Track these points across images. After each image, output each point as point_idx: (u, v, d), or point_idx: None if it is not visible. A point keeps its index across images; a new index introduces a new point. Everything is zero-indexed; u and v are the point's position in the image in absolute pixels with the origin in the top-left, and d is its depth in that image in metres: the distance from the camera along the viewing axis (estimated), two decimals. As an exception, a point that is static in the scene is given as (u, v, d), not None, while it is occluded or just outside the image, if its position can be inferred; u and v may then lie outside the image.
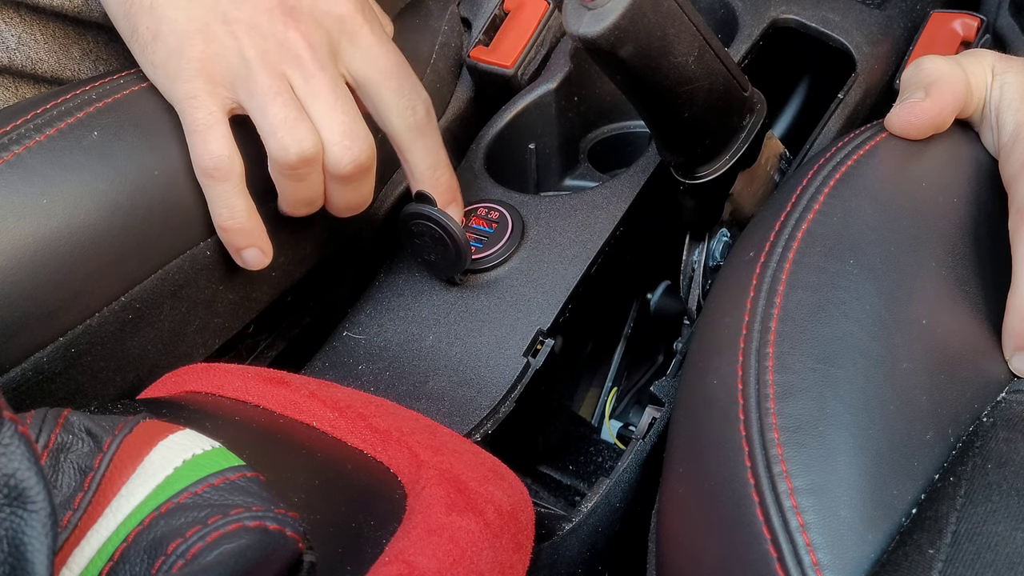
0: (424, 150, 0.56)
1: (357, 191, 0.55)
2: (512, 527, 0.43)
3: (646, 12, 0.47)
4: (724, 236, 0.62)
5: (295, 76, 0.51)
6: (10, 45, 0.59)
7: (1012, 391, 0.43)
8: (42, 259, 0.47)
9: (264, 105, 0.51)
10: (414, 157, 0.56)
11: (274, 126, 0.51)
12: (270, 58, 0.51)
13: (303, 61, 0.51)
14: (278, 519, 0.33)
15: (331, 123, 0.51)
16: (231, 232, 0.53)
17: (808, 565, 0.36)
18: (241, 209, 0.52)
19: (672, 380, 0.57)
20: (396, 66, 0.55)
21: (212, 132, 0.51)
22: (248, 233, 0.53)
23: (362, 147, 0.52)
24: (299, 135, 0.51)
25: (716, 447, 0.41)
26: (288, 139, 0.50)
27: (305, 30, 0.52)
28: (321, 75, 0.51)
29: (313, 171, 0.52)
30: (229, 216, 0.52)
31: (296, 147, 0.51)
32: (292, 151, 0.51)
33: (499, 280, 0.59)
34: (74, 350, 0.50)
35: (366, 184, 0.55)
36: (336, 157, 0.52)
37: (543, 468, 0.64)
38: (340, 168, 0.52)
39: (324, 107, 0.51)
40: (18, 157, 0.48)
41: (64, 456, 0.34)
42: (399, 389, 0.56)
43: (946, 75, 0.50)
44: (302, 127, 0.51)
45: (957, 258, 0.46)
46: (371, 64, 0.54)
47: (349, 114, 0.52)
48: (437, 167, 0.57)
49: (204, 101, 0.51)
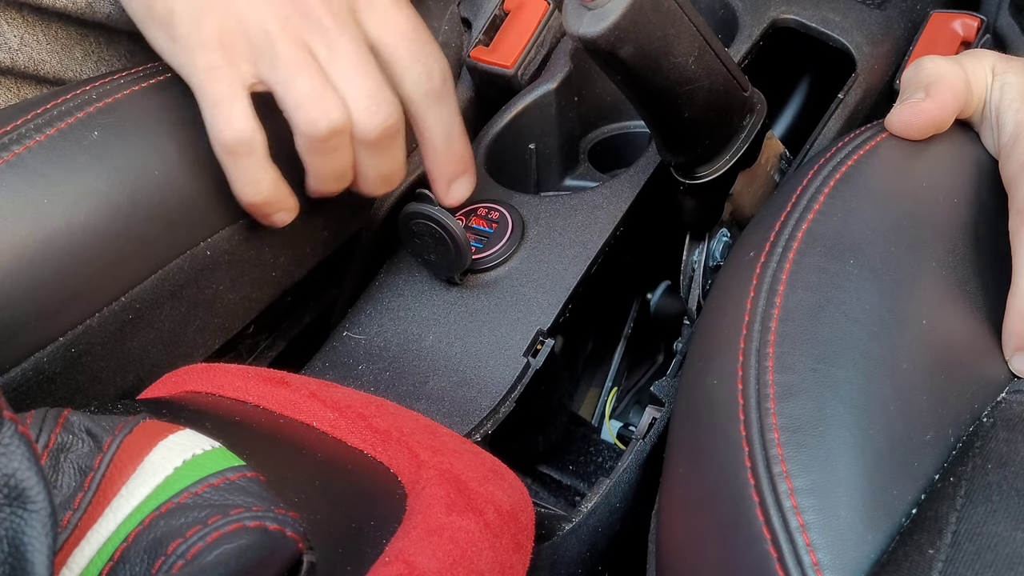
0: (438, 118, 0.55)
1: (388, 158, 0.53)
2: (512, 527, 0.43)
3: (646, 12, 0.47)
4: (724, 236, 0.62)
5: (317, 44, 0.50)
6: (12, 46, 0.59)
7: (1012, 391, 0.43)
8: (42, 259, 0.47)
9: (288, 78, 0.49)
10: (427, 123, 0.55)
11: (300, 99, 0.50)
12: (291, 27, 0.50)
13: (325, 28, 0.50)
14: (278, 519, 0.33)
15: (356, 89, 0.50)
16: (256, 206, 0.52)
17: (808, 565, 0.36)
18: (266, 183, 0.51)
19: (672, 380, 0.57)
20: (413, 29, 0.53)
21: (234, 105, 0.49)
22: (273, 203, 0.53)
23: (389, 110, 0.51)
24: (326, 106, 0.50)
25: (716, 447, 0.41)
26: (316, 112, 0.50)
27: None
28: (343, 40, 0.50)
29: (343, 142, 0.51)
30: (255, 191, 0.51)
31: (325, 119, 0.50)
32: (321, 124, 0.50)
33: (499, 280, 0.59)
34: (74, 350, 0.50)
35: (397, 149, 0.54)
36: (363, 123, 0.51)
37: (543, 468, 0.64)
38: (369, 132, 0.51)
39: (348, 73, 0.50)
40: (18, 157, 0.48)
41: (64, 456, 0.34)
42: (399, 389, 0.56)
43: (946, 75, 0.50)
44: (329, 98, 0.50)
45: (957, 258, 0.46)
46: (388, 27, 0.53)
47: (373, 78, 0.51)
48: (451, 136, 0.56)
49: (225, 73, 0.49)
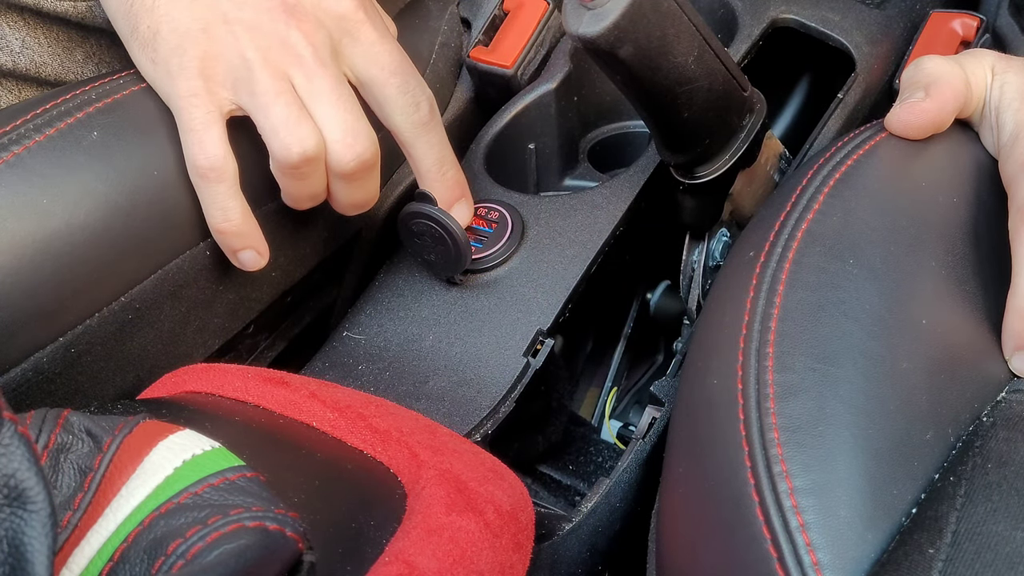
0: (429, 146, 0.56)
1: (362, 188, 0.55)
2: (512, 527, 0.43)
3: (646, 12, 0.47)
4: (724, 236, 0.62)
5: (297, 76, 0.51)
6: (14, 49, 0.59)
7: (1012, 391, 0.43)
8: (42, 259, 0.47)
9: (266, 105, 0.50)
10: (419, 153, 0.56)
11: (276, 126, 0.51)
12: (272, 58, 0.51)
13: (305, 60, 0.51)
14: (278, 519, 0.33)
15: (333, 121, 0.51)
16: (226, 234, 0.53)
17: (808, 565, 0.36)
18: (235, 211, 0.52)
19: (672, 380, 0.57)
20: (399, 63, 0.55)
21: (209, 132, 0.50)
22: (243, 235, 0.53)
23: (365, 144, 0.52)
24: (301, 134, 0.51)
25: (716, 447, 0.41)
26: (290, 138, 0.50)
27: (307, 29, 0.52)
28: (323, 73, 0.51)
29: (315, 169, 0.52)
30: (224, 218, 0.52)
31: (298, 146, 0.51)
32: (294, 150, 0.51)
33: (499, 280, 0.59)
34: (74, 350, 0.50)
35: (371, 181, 0.55)
36: (339, 155, 0.52)
37: (543, 468, 0.64)
38: (343, 166, 0.52)
39: (326, 106, 0.51)
40: (18, 157, 0.48)
41: (64, 456, 0.34)
42: (399, 389, 0.56)
43: (946, 75, 0.50)
44: (304, 126, 0.51)
45: (957, 258, 0.46)
46: (373, 62, 0.54)
47: (351, 112, 0.52)
48: (443, 163, 0.57)
49: (203, 100, 0.50)
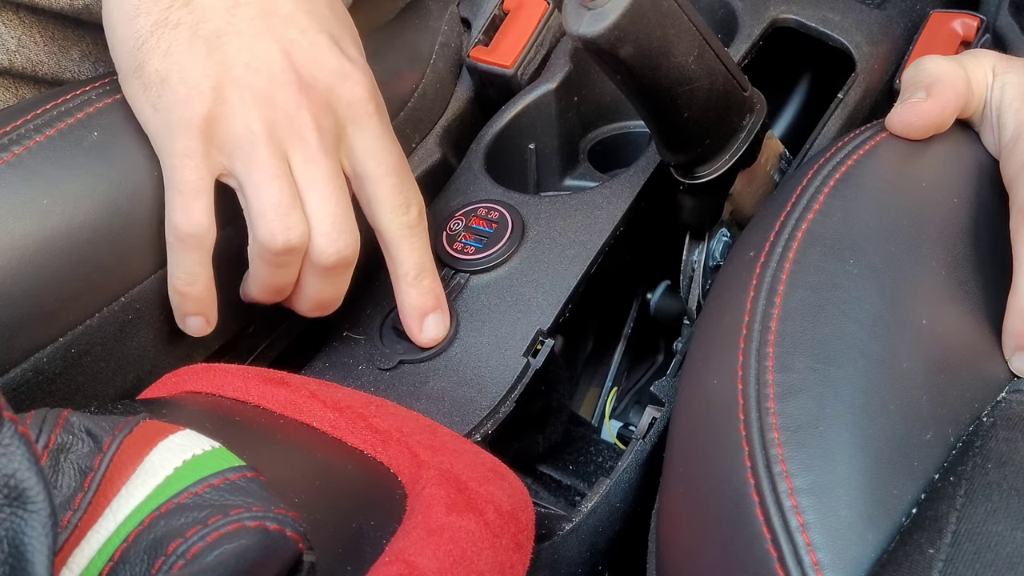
0: (411, 250, 0.54)
1: (334, 286, 0.53)
2: (512, 527, 0.43)
3: (646, 12, 0.47)
4: (724, 236, 0.62)
5: (296, 158, 0.50)
6: (10, 47, 0.59)
7: (1012, 391, 0.43)
8: (42, 259, 0.47)
9: (259, 184, 0.49)
10: (401, 255, 0.54)
11: (265, 209, 0.49)
12: (276, 134, 0.49)
13: (308, 144, 0.50)
14: (278, 519, 0.33)
15: (323, 213, 0.50)
16: (184, 298, 0.51)
17: (808, 565, 0.36)
18: (201, 279, 0.51)
19: (672, 380, 0.57)
20: (396, 163, 0.53)
21: (198, 199, 0.49)
22: (200, 302, 0.52)
23: (348, 241, 0.51)
24: (290, 222, 0.49)
25: (716, 447, 0.41)
26: (278, 224, 0.49)
27: (316, 112, 0.50)
28: (323, 162, 0.50)
29: (294, 260, 0.51)
30: (188, 283, 0.51)
31: (284, 235, 0.49)
32: (279, 238, 0.49)
33: (499, 280, 0.59)
34: (74, 350, 0.50)
35: (343, 280, 0.53)
36: (321, 248, 0.50)
37: (543, 468, 0.64)
38: (323, 259, 0.51)
39: (319, 196, 0.50)
40: (18, 157, 0.48)
41: (64, 456, 0.34)
42: (399, 389, 0.56)
43: (947, 75, 0.50)
44: (294, 215, 0.49)
45: (957, 258, 0.46)
46: (373, 158, 0.52)
47: (342, 206, 0.51)
48: (423, 269, 0.55)
49: (198, 163, 0.49)
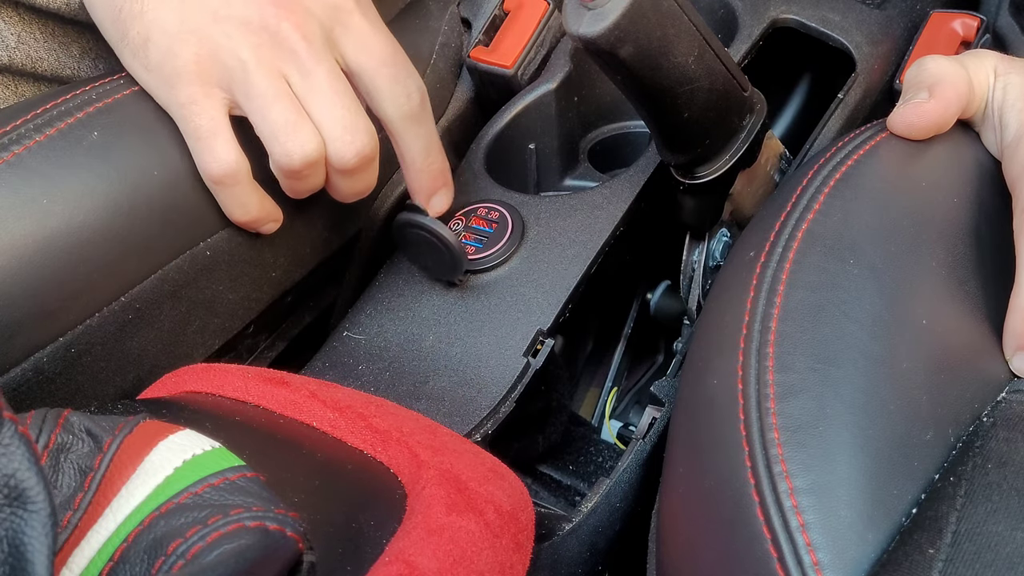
0: (416, 137, 0.56)
1: (362, 181, 0.55)
2: (512, 527, 0.43)
3: (646, 12, 0.47)
4: (724, 236, 0.62)
5: (292, 72, 0.51)
6: (9, 44, 0.59)
7: (1012, 391, 0.43)
8: (42, 259, 0.47)
9: (263, 108, 0.50)
10: (406, 142, 0.56)
11: (275, 131, 0.50)
12: (265, 56, 0.50)
13: (299, 54, 0.51)
14: (278, 519, 0.33)
15: (332, 119, 0.51)
16: (248, 223, 0.54)
17: (808, 565, 0.36)
18: (253, 204, 0.53)
19: (672, 380, 0.57)
20: (391, 53, 0.54)
21: (217, 139, 0.50)
22: (263, 219, 0.55)
23: (364, 140, 0.52)
24: (301, 138, 0.50)
25: (716, 447, 0.41)
26: (291, 144, 0.50)
27: (298, 21, 0.51)
28: (318, 68, 0.51)
29: (318, 170, 0.53)
30: (244, 213, 0.53)
31: (299, 151, 0.51)
32: (296, 156, 0.51)
33: (499, 280, 0.59)
34: (74, 350, 0.50)
35: (371, 173, 0.55)
36: (339, 152, 0.52)
37: (543, 468, 0.64)
38: (344, 163, 0.52)
39: (323, 103, 0.51)
40: (18, 157, 0.48)
41: (64, 456, 0.34)
42: (399, 389, 0.56)
43: (949, 76, 0.50)
44: (304, 130, 0.50)
45: (957, 258, 0.46)
46: (365, 51, 0.53)
47: (349, 107, 0.52)
48: (430, 152, 0.57)
49: (204, 106, 0.50)
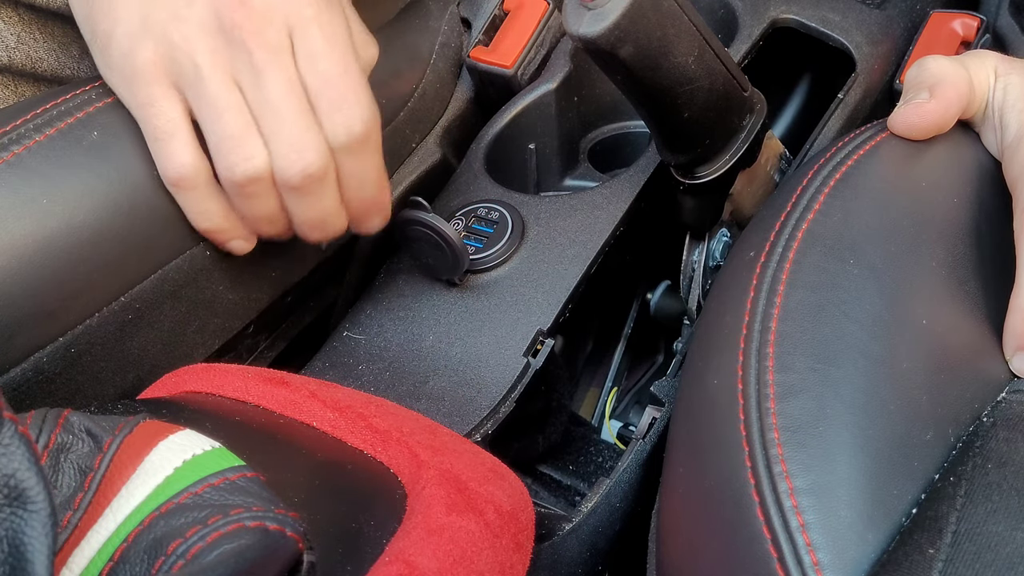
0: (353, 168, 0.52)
1: (316, 205, 0.51)
2: (512, 527, 0.43)
3: (646, 12, 0.47)
4: (724, 236, 0.62)
5: (245, 81, 0.48)
6: (9, 44, 0.59)
7: (1012, 391, 0.43)
8: (42, 259, 0.47)
9: (212, 118, 0.48)
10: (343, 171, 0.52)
11: (220, 142, 0.49)
12: (219, 60, 0.48)
13: (254, 63, 0.48)
14: (278, 519, 0.33)
15: (279, 135, 0.49)
16: (210, 232, 0.52)
17: (808, 565, 0.36)
18: (215, 212, 0.51)
19: (672, 380, 0.57)
20: (338, 74, 0.50)
21: (174, 140, 0.49)
22: (226, 231, 0.52)
23: (311, 158, 0.49)
24: (246, 152, 0.48)
25: (716, 447, 0.41)
26: (234, 156, 0.49)
27: (256, 27, 0.48)
28: (271, 79, 0.48)
29: (264, 188, 0.50)
30: (205, 219, 0.51)
31: (242, 165, 0.49)
32: (238, 170, 0.49)
33: (499, 280, 0.59)
34: (74, 350, 0.50)
35: (324, 196, 0.51)
36: (283, 169, 0.49)
37: (543, 468, 0.64)
38: (288, 180, 0.49)
39: (271, 116, 0.48)
40: (18, 157, 0.48)
41: (64, 456, 0.34)
42: (399, 389, 0.56)
43: (950, 76, 0.50)
44: (248, 144, 0.48)
45: (957, 258, 0.46)
46: (312, 68, 0.49)
47: (298, 122, 0.49)
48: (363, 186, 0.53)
49: (162, 108, 0.49)
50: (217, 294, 0.56)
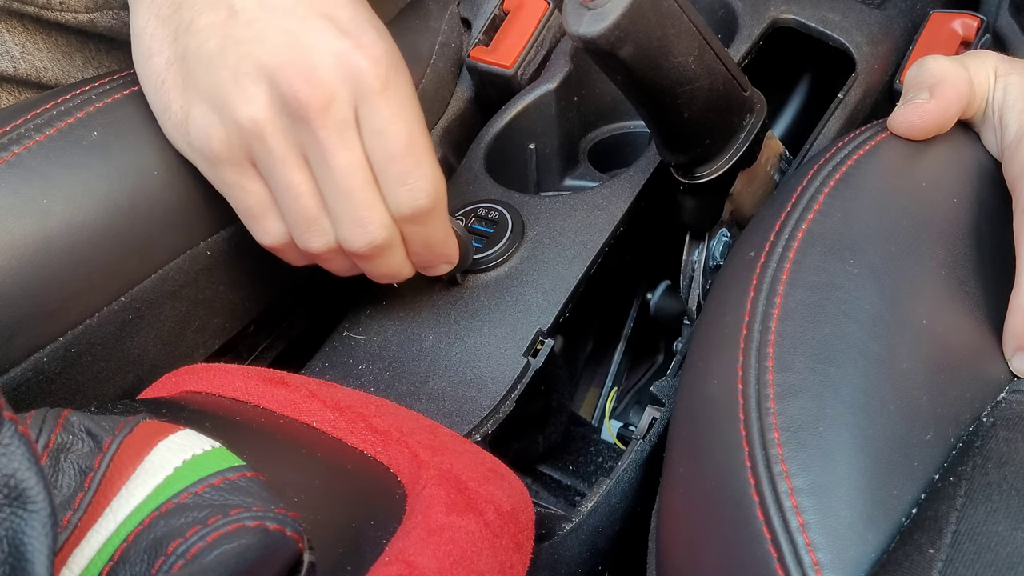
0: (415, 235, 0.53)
1: (382, 266, 0.53)
2: (512, 527, 0.43)
3: (646, 12, 0.47)
4: (724, 236, 0.62)
5: (312, 155, 0.49)
6: (14, 54, 0.59)
7: (1012, 391, 0.43)
8: (42, 259, 0.47)
9: (288, 200, 0.50)
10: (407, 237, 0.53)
11: (296, 222, 0.51)
12: (288, 142, 0.48)
13: (319, 143, 0.48)
14: (278, 519, 0.33)
15: (342, 211, 0.49)
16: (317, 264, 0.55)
17: (808, 565, 0.36)
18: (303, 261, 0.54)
19: (672, 380, 0.57)
20: (403, 147, 0.49)
21: (267, 217, 0.51)
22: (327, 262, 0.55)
23: (375, 232, 0.50)
24: (318, 230, 0.51)
25: (716, 447, 0.41)
26: (308, 235, 0.51)
27: (324, 104, 0.47)
28: (336, 159, 0.48)
29: (335, 255, 0.53)
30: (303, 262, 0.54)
31: (315, 242, 0.51)
32: (312, 246, 0.51)
33: (499, 280, 0.59)
34: (74, 350, 0.50)
35: (393, 259, 0.53)
36: (349, 243, 0.51)
37: (543, 468, 0.64)
38: (355, 251, 0.51)
39: (336, 194, 0.49)
40: (18, 157, 0.48)
41: (64, 456, 0.34)
42: (399, 389, 0.56)
43: (950, 76, 0.50)
44: (320, 224, 0.51)
45: (957, 258, 0.46)
46: (379, 142, 0.49)
47: (360, 203, 0.49)
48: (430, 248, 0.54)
49: (249, 189, 0.51)
50: (217, 294, 0.56)
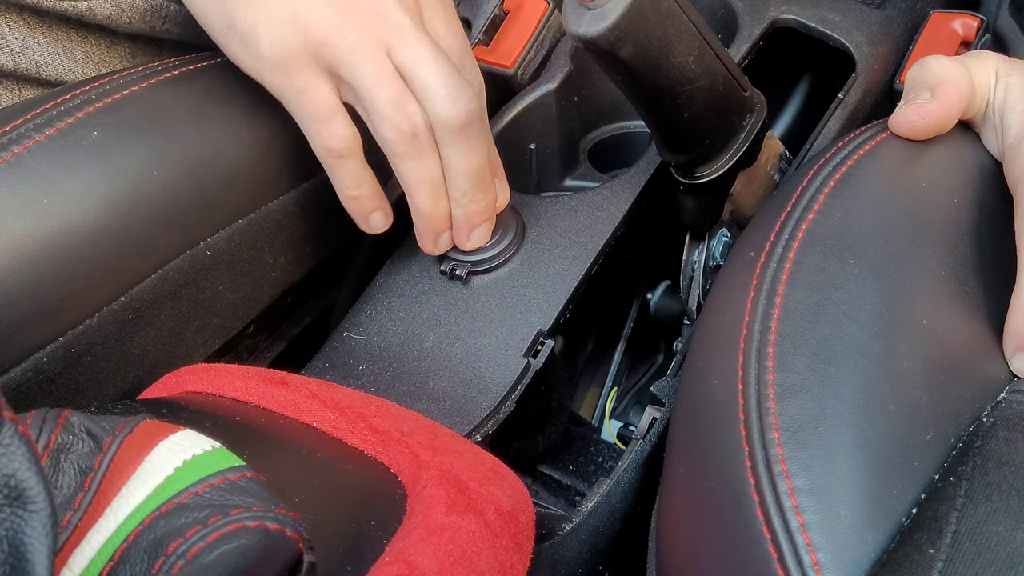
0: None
1: (475, 148, 0.54)
2: (512, 527, 0.43)
3: (646, 12, 0.47)
4: (724, 236, 0.62)
5: (395, 47, 0.52)
6: (14, 49, 0.59)
7: (1012, 391, 0.43)
8: (42, 259, 0.47)
9: (372, 90, 0.52)
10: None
11: (383, 109, 0.52)
12: (369, 36, 0.52)
13: (402, 29, 0.52)
14: (278, 519, 0.33)
15: (434, 81, 0.52)
16: (359, 200, 0.56)
17: (808, 565, 0.36)
18: (366, 179, 0.55)
19: (672, 380, 0.57)
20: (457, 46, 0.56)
21: (335, 119, 0.53)
22: (373, 198, 0.56)
23: (468, 96, 0.52)
24: (407, 111, 0.52)
25: (716, 447, 0.41)
26: (400, 116, 0.52)
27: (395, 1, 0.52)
28: (420, 39, 0.52)
29: (427, 144, 0.53)
30: (357, 186, 0.55)
31: (407, 122, 0.52)
32: (405, 126, 0.52)
33: (499, 281, 0.59)
34: (74, 350, 0.50)
35: (481, 139, 0.54)
36: (447, 111, 0.52)
37: (543, 468, 0.64)
38: (451, 119, 0.52)
39: (426, 70, 0.52)
40: (18, 157, 0.48)
41: (64, 456, 0.34)
42: (399, 389, 0.56)
43: (951, 76, 0.50)
44: (409, 105, 0.52)
45: (957, 258, 0.46)
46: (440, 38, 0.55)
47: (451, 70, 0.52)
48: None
49: (320, 90, 0.52)
50: (217, 294, 0.56)
